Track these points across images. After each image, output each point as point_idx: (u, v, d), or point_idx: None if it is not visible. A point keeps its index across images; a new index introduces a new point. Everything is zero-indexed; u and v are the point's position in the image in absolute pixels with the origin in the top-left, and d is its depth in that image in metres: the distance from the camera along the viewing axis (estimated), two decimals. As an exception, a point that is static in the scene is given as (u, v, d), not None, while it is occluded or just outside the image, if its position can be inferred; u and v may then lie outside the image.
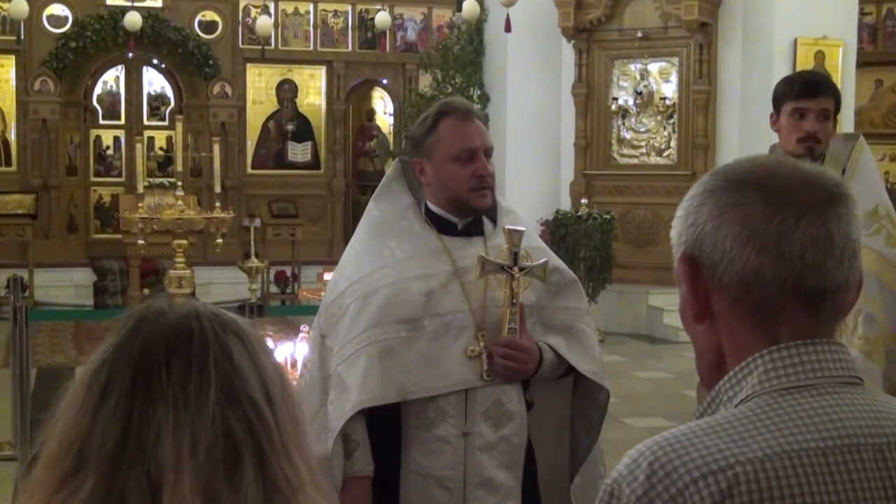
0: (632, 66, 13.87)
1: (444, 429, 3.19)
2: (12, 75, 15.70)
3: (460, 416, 3.20)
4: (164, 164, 16.35)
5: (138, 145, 12.00)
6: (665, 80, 13.75)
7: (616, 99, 13.85)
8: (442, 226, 3.35)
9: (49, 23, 15.64)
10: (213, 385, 1.31)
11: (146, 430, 1.28)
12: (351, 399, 3.16)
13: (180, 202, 10.15)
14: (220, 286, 14.34)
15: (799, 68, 11.62)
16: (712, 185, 1.49)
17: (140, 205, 10.80)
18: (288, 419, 1.36)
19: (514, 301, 3.24)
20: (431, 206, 3.37)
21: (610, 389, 3.48)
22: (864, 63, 14.59)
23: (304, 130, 17.08)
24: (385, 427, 3.22)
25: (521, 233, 3.30)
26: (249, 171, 16.80)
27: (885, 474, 1.38)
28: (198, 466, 1.28)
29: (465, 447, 3.20)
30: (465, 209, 3.33)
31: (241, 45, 16.54)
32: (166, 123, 16.40)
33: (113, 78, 16.56)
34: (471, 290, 3.26)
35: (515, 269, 3.25)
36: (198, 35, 16.12)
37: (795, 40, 12.71)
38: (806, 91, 4.06)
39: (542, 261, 3.35)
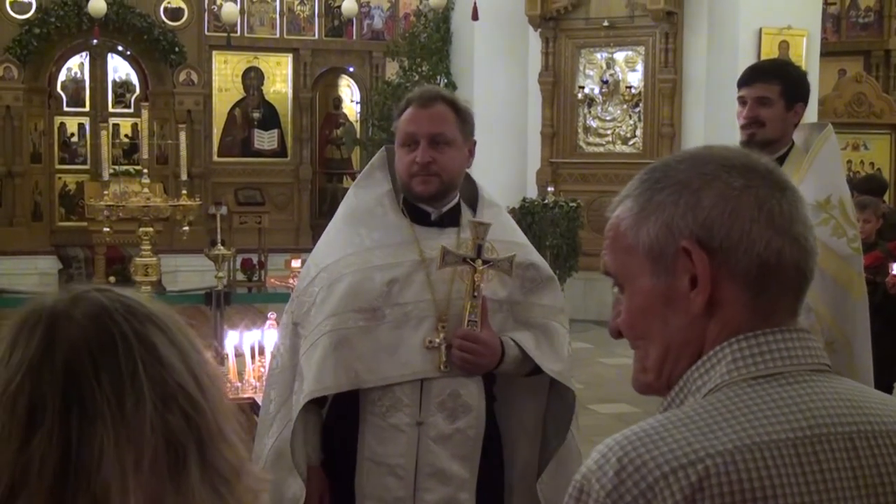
0: (598, 55, 13.90)
1: (398, 417, 3.18)
2: (-25, 62, 15.57)
3: (415, 405, 3.19)
4: (129, 151, 16.25)
5: (103, 132, 11.88)
6: (631, 69, 13.78)
7: (582, 87, 13.87)
8: (417, 215, 3.33)
9: (12, 9, 15.49)
10: (146, 392, 1.22)
11: (87, 451, 1.19)
12: (304, 389, 3.18)
13: (146, 190, 10.06)
14: (187, 274, 14.28)
15: (764, 57, 11.69)
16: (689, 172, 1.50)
17: (105, 192, 10.70)
18: (218, 399, 1.30)
19: (476, 294, 3.22)
20: (408, 195, 3.35)
21: (576, 377, 3.46)
22: (827, 53, 14.67)
23: (270, 118, 17.02)
24: (345, 415, 3.24)
25: (486, 226, 3.28)
26: (216, 158, 16.73)
27: (855, 464, 1.37)
28: (144, 481, 1.21)
29: (419, 436, 3.19)
30: (411, 195, 3.32)
31: (206, 33, 16.45)
32: (131, 111, 16.30)
33: (77, 65, 16.43)
34: (436, 281, 3.25)
35: (479, 261, 3.23)
36: (163, 22, 16.01)
37: (760, 30, 12.78)
38: (743, 79, 4.12)
39: (509, 255, 3.31)
